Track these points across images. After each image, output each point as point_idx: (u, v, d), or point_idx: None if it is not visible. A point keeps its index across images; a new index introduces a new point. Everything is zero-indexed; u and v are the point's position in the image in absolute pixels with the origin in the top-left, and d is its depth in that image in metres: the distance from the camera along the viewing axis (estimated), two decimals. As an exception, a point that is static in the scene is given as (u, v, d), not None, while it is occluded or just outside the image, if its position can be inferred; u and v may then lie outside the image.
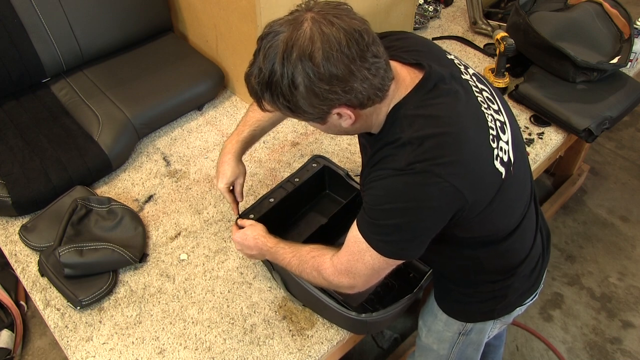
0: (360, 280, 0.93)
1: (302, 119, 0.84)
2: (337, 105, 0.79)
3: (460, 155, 0.81)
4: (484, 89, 0.94)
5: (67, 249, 1.20)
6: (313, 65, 0.74)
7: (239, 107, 1.79)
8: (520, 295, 1.10)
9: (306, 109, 0.79)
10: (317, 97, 0.77)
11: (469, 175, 0.82)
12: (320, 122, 0.85)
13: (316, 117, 0.82)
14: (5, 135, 1.49)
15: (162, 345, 1.15)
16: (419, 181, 0.80)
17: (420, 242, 0.88)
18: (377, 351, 1.85)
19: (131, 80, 1.68)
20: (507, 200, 0.92)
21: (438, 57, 0.92)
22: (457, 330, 1.15)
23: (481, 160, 0.85)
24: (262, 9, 1.47)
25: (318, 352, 1.14)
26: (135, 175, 1.54)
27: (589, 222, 2.32)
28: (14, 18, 1.52)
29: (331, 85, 0.75)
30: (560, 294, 2.07)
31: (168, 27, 1.91)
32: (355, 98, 0.78)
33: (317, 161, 1.40)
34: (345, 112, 0.80)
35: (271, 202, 1.30)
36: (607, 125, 1.62)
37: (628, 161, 2.60)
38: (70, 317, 1.20)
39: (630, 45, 1.75)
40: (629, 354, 1.89)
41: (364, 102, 0.80)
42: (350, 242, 0.91)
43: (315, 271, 0.98)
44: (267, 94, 0.79)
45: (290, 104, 0.79)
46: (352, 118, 0.82)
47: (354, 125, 0.85)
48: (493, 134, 0.87)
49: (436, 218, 0.84)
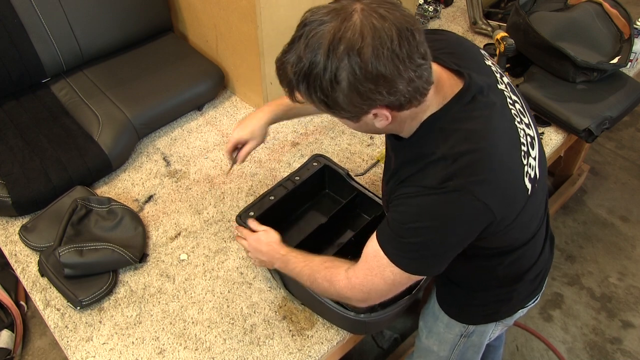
0: (376, 295, 0.91)
1: (336, 115, 0.79)
2: (377, 105, 0.74)
3: (493, 173, 0.79)
4: (517, 100, 0.91)
5: (67, 249, 1.20)
6: (361, 62, 0.68)
7: (239, 107, 1.79)
8: (524, 298, 1.10)
9: (344, 107, 0.74)
10: (360, 96, 0.72)
11: (500, 193, 0.80)
12: (353, 120, 0.80)
13: (352, 115, 0.78)
14: (5, 135, 1.49)
15: (162, 345, 1.15)
16: (451, 200, 0.78)
17: (446, 259, 0.86)
18: (377, 351, 1.85)
19: (131, 80, 1.68)
20: (529, 215, 0.90)
21: (477, 63, 0.89)
22: (459, 332, 1.15)
23: (512, 178, 0.83)
24: (262, 9, 1.47)
25: (318, 352, 1.14)
26: (135, 175, 1.54)
27: (589, 222, 2.32)
28: (14, 18, 1.52)
29: (377, 85, 0.70)
30: (560, 294, 2.07)
31: (168, 27, 1.91)
32: (397, 100, 0.74)
33: (317, 160, 1.40)
34: (384, 113, 0.76)
35: (271, 199, 1.30)
36: (607, 125, 1.62)
37: (628, 161, 2.60)
38: (70, 317, 1.20)
39: (630, 45, 1.75)
40: (629, 354, 1.89)
41: (403, 105, 0.76)
42: (370, 256, 0.88)
43: (327, 282, 0.96)
44: (304, 86, 0.74)
45: (327, 100, 0.74)
46: (388, 120, 0.78)
47: (387, 127, 0.82)
48: (524, 150, 0.85)
49: (465, 235, 0.82)
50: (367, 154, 1.59)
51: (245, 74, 1.71)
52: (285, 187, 1.32)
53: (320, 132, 1.68)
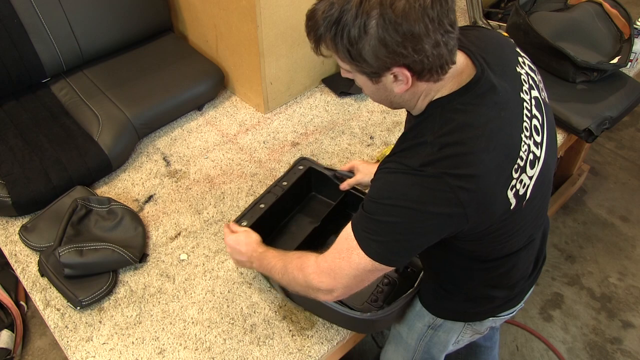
0: (342, 282, 0.89)
1: (357, 69, 0.78)
2: (400, 63, 0.74)
3: (475, 173, 0.77)
4: (537, 116, 0.88)
5: (67, 249, 1.20)
6: (392, 13, 0.69)
7: (239, 107, 1.79)
8: (497, 307, 1.09)
9: (368, 59, 0.74)
10: (386, 47, 0.72)
11: (476, 195, 0.78)
12: (373, 79, 0.79)
13: (373, 71, 0.77)
14: (5, 135, 1.49)
15: (162, 345, 1.15)
16: (427, 185, 0.77)
17: (410, 250, 0.85)
18: (377, 351, 1.85)
19: (131, 80, 1.68)
20: (509, 230, 0.89)
21: (502, 63, 0.87)
22: (427, 323, 1.14)
23: (494, 185, 0.81)
24: (262, 9, 1.48)
25: (318, 352, 1.14)
26: (135, 175, 1.54)
27: (589, 222, 2.32)
28: (14, 18, 1.52)
29: (404, 39, 0.70)
30: (560, 294, 2.07)
31: (168, 27, 1.91)
32: (420, 62, 0.73)
33: (302, 163, 1.40)
34: (405, 73, 0.75)
35: (262, 207, 1.29)
36: (607, 125, 1.62)
37: (628, 161, 2.60)
38: (70, 317, 1.20)
39: (630, 45, 1.75)
40: (628, 354, 1.89)
41: (423, 72, 0.75)
42: (341, 240, 0.89)
43: (297, 270, 0.96)
44: (331, 33, 0.74)
45: (352, 49, 0.74)
46: (407, 84, 0.77)
47: (403, 95, 0.81)
48: (520, 164, 0.83)
49: (433, 227, 0.81)
50: (367, 154, 1.59)
51: (245, 74, 1.71)
52: (274, 194, 1.32)
53: (320, 132, 1.68)
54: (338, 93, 1.82)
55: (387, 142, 1.64)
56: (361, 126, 1.70)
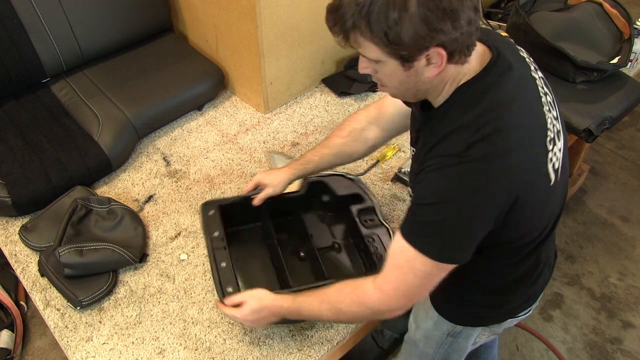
0: (414, 295, 0.86)
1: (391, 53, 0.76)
2: (438, 42, 0.74)
3: (517, 148, 0.78)
4: (548, 93, 0.90)
5: (67, 249, 1.20)
6: None
7: (239, 107, 1.79)
8: (516, 308, 1.09)
9: (406, 39, 0.73)
10: (427, 24, 0.71)
11: (522, 169, 0.79)
12: (405, 65, 0.78)
13: (409, 54, 0.75)
14: (5, 135, 1.49)
15: (162, 345, 1.15)
16: (474, 169, 0.77)
17: (472, 239, 0.83)
18: (377, 351, 1.85)
19: (131, 80, 1.68)
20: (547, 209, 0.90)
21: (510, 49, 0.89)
22: (446, 331, 1.14)
23: (535, 159, 0.82)
24: (262, 9, 1.48)
25: (318, 352, 1.14)
26: (135, 175, 1.54)
27: (589, 222, 2.32)
28: (14, 18, 1.52)
29: (444, 14, 0.71)
30: (560, 294, 2.07)
31: (168, 27, 1.91)
32: (455, 41, 0.74)
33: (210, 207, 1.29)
34: (441, 53, 0.75)
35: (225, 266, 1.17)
36: (607, 125, 1.62)
37: (628, 161, 2.60)
38: (70, 317, 1.20)
39: (630, 45, 1.75)
40: (628, 354, 1.89)
41: (454, 52, 0.76)
42: (395, 254, 0.86)
43: (357, 306, 0.91)
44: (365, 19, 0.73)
45: (390, 31, 0.72)
46: (441, 66, 0.77)
47: (432, 80, 0.81)
48: (550, 136, 0.84)
49: (488, 211, 0.79)
50: (367, 154, 1.59)
51: (245, 74, 1.71)
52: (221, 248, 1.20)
53: (320, 132, 1.68)
54: (338, 93, 1.82)
55: (387, 142, 1.64)
56: (361, 126, 1.70)
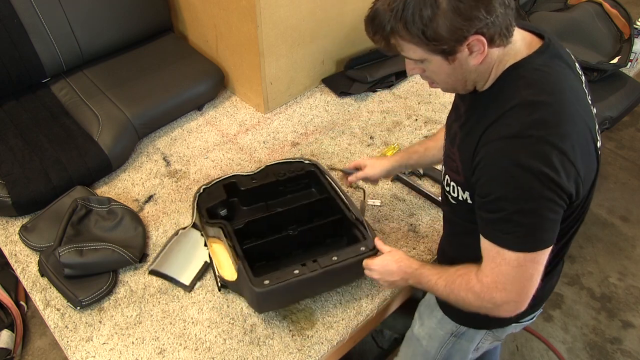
0: (513, 288, 0.84)
1: (434, 50, 0.78)
2: (476, 30, 0.75)
3: (573, 130, 0.77)
4: (587, 93, 0.91)
5: (67, 249, 1.20)
6: None
7: (239, 107, 1.79)
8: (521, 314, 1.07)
9: (444, 34, 0.75)
10: (461, 14, 0.73)
11: (581, 152, 0.78)
12: (449, 58, 0.79)
13: (450, 47, 0.77)
14: (5, 135, 1.49)
15: (162, 345, 1.15)
16: (536, 149, 0.75)
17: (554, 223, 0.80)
18: (377, 351, 1.85)
19: (131, 80, 1.68)
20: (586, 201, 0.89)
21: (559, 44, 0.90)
22: (450, 331, 1.14)
23: (589, 144, 0.81)
24: (262, 9, 1.48)
25: (318, 352, 1.14)
26: (135, 175, 1.54)
27: (589, 222, 2.32)
28: (14, 18, 1.52)
29: (476, 2, 0.73)
30: (560, 294, 2.07)
31: (168, 27, 1.91)
32: (492, 25, 0.75)
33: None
34: (481, 40, 0.76)
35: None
36: (607, 125, 1.62)
37: (628, 161, 2.60)
38: (70, 317, 1.20)
39: (630, 45, 1.75)
40: (628, 354, 1.89)
41: (494, 36, 0.77)
42: (487, 249, 0.85)
43: (464, 291, 0.90)
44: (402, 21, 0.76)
45: (427, 29, 0.75)
46: (483, 52, 0.78)
47: (479, 68, 0.81)
48: (595, 126, 0.85)
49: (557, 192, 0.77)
50: (367, 154, 1.59)
51: (245, 74, 1.71)
52: None
53: (320, 132, 1.68)
54: (338, 93, 1.82)
55: (387, 142, 1.64)
56: (361, 126, 1.70)
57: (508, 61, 0.82)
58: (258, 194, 1.36)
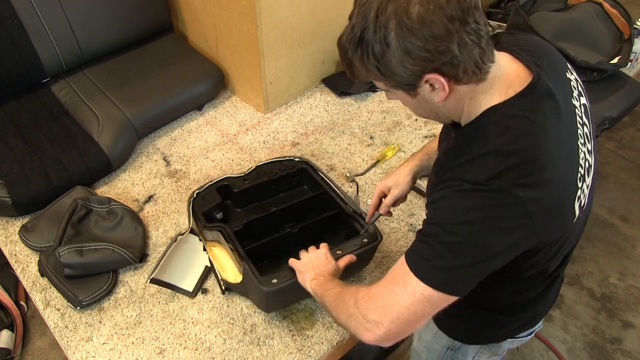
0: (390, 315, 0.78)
1: (392, 84, 0.77)
2: (430, 69, 0.72)
3: (544, 180, 0.73)
4: (586, 124, 0.85)
5: (67, 249, 1.20)
6: (407, 20, 0.68)
7: (239, 107, 1.79)
8: (516, 329, 1.07)
9: (397, 71, 0.73)
10: (410, 55, 0.71)
11: (546, 206, 0.74)
12: (410, 92, 0.77)
13: (407, 82, 0.75)
14: (5, 135, 1.49)
15: (162, 345, 1.15)
16: (495, 200, 0.72)
17: (474, 274, 0.76)
18: (377, 351, 1.85)
19: (131, 80, 1.68)
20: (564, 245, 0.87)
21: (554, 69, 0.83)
22: (446, 345, 1.13)
23: (563, 195, 0.77)
24: (262, 9, 1.48)
25: (318, 352, 1.14)
26: (135, 175, 1.54)
27: (588, 222, 2.31)
28: (14, 18, 1.52)
29: (425, 43, 0.69)
30: (560, 294, 2.07)
31: (168, 27, 1.91)
32: (450, 64, 0.71)
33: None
34: (439, 79, 0.73)
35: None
36: (607, 125, 1.62)
37: (628, 161, 2.60)
38: (70, 317, 1.20)
39: (630, 45, 1.75)
40: (628, 354, 1.89)
41: (459, 74, 0.72)
42: (395, 267, 0.81)
43: (350, 295, 0.86)
44: (358, 54, 0.74)
45: (380, 65, 0.73)
46: (445, 90, 0.74)
47: (446, 104, 0.78)
48: (581, 172, 0.80)
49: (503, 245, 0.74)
50: (367, 154, 1.59)
51: (245, 74, 1.71)
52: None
53: (320, 132, 1.68)
54: (338, 93, 1.82)
55: (387, 142, 1.64)
56: (361, 126, 1.70)
57: (483, 99, 0.78)
58: (251, 194, 1.35)
